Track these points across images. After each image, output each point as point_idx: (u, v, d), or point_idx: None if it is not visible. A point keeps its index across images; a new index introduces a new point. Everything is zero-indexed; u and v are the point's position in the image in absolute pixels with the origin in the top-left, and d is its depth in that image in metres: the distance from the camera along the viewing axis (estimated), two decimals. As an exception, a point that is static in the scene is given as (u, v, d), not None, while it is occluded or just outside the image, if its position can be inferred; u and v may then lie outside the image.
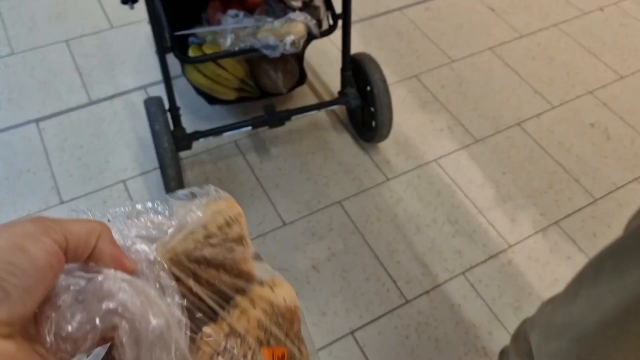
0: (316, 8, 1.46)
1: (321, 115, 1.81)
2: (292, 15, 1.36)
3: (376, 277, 1.45)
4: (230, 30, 1.42)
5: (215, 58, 1.37)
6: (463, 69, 2.01)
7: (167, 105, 1.47)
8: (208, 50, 1.55)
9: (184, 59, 1.38)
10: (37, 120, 1.70)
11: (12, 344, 0.26)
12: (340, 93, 1.66)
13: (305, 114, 1.59)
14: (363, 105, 1.65)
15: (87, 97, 1.79)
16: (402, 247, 1.51)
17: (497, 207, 1.63)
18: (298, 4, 1.44)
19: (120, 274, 0.30)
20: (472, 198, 1.64)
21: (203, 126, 1.66)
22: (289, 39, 1.30)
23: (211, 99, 1.62)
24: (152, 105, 1.44)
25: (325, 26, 1.49)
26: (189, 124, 1.68)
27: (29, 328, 0.28)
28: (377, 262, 1.48)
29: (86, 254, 0.30)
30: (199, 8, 1.61)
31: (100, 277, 0.29)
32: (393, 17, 2.19)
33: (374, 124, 1.65)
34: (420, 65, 2.01)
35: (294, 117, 1.59)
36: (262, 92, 1.68)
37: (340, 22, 1.50)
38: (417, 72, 1.99)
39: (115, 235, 0.32)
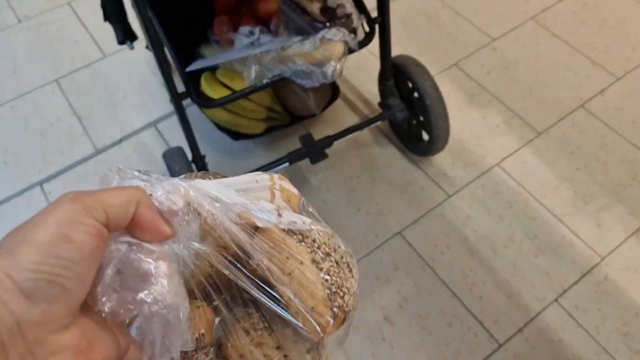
0: (348, 16, 1.22)
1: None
2: (326, 34, 1.12)
3: (459, 320, 1.25)
4: (252, 57, 1.18)
5: (241, 96, 1.14)
6: (506, 47, 1.77)
7: (189, 155, 1.26)
8: (224, 78, 1.32)
9: (207, 104, 1.16)
10: (40, 183, 1.49)
11: (75, 333, 0.27)
12: (382, 105, 1.44)
13: (347, 136, 1.37)
14: (410, 116, 1.42)
15: (92, 146, 1.57)
16: (481, 278, 1.31)
17: (578, 211, 1.42)
18: (323, 17, 1.20)
19: (158, 250, 0.31)
20: (548, 204, 1.43)
21: (229, 164, 1.45)
22: (330, 67, 1.06)
23: (236, 135, 1.40)
24: (172, 159, 1.22)
25: (360, 35, 1.25)
26: (214, 163, 1.47)
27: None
28: (456, 300, 1.28)
29: (126, 222, 0.30)
30: (204, 24, 1.37)
31: (138, 254, 0.30)
32: (416, -4, 1.92)
33: (425, 135, 1.43)
34: (458, 50, 1.77)
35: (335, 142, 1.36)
36: (292, 116, 1.45)
37: (377, 26, 1.26)
38: (455, 59, 1.74)
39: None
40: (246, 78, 1.16)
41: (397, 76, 1.41)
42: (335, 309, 0.33)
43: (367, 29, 1.26)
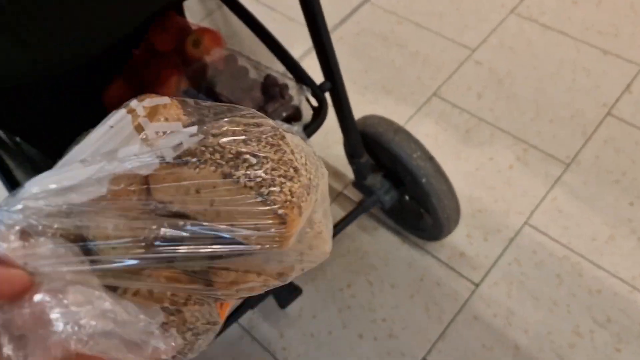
0: (282, 92, 0.82)
1: (336, 213, 1.19)
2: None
3: None
4: None
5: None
6: (491, 56, 1.39)
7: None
8: None
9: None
10: None
11: None
12: (360, 188, 1.04)
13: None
14: (400, 194, 1.03)
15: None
16: (553, 404, 0.93)
17: (652, 266, 1.04)
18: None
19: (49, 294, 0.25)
20: (609, 266, 1.05)
21: None
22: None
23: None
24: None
25: (306, 114, 0.86)
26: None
27: None
28: None
29: None
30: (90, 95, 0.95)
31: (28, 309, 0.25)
32: (363, 14, 1.53)
33: (426, 217, 1.04)
34: (433, 74, 1.38)
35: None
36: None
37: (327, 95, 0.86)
38: (433, 86, 1.36)
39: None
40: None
41: (370, 146, 1.02)
42: (280, 211, 0.28)
43: (313, 102, 0.86)
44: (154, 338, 0.26)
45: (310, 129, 0.83)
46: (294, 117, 0.86)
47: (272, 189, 0.28)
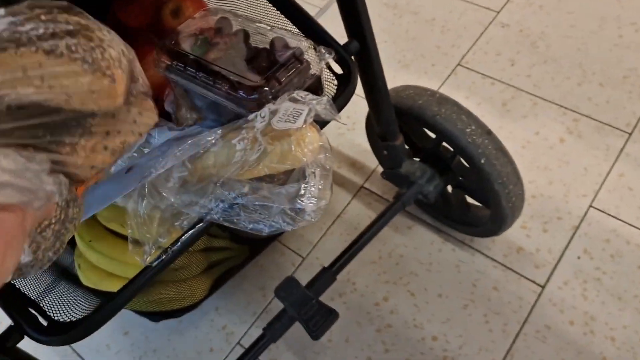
0: (297, 57, 0.62)
1: (359, 211, 0.99)
2: (267, 113, 0.53)
3: None
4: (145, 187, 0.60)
5: (159, 268, 0.54)
6: (520, 17, 1.20)
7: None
8: (112, 222, 0.72)
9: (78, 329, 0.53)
10: None
11: None
12: (392, 178, 0.84)
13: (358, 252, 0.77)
14: (445, 184, 0.83)
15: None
16: None
17: None
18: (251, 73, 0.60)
19: None
20: (701, 251, 0.86)
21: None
22: (308, 196, 0.47)
23: (162, 315, 0.78)
24: None
25: (329, 87, 0.66)
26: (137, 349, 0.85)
27: None
28: None
29: None
30: None
31: None
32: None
33: (475, 208, 0.85)
34: (454, 41, 1.18)
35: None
36: (252, 246, 0.84)
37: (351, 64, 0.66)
38: (457, 55, 1.16)
39: None
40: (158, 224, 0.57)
41: (404, 125, 0.82)
42: (108, 71, 0.32)
43: (337, 69, 0.66)
44: (45, 183, 0.27)
45: (337, 103, 0.63)
46: (313, 89, 0.66)
47: (95, 56, 0.32)
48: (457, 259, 0.91)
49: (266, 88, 0.58)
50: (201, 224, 0.56)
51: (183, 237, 0.55)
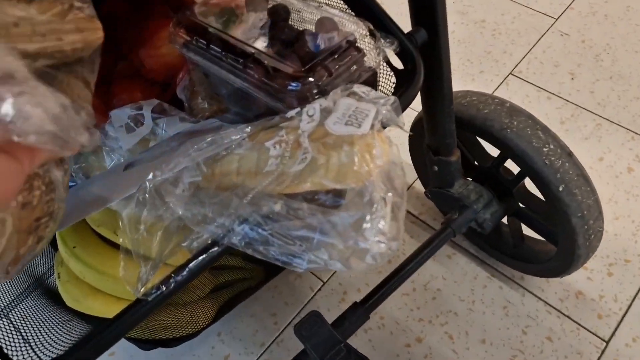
0: (352, 44, 0.48)
1: (393, 237, 0.86)
2: (315, 109, 0.40)
3: None
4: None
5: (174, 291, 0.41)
6: (582, 26, 1.06)
7: None
8: (104, 229, 0.60)
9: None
10: None
11: None
12: (437, 197, 0.71)
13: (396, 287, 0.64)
14: (504, 210, 0.70)
15: None
16: None
17: None
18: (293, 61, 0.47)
19: None
20: None
21: None
22: (375, 242, 0.34)
23: (157, 343, 0.65)
24: None
25: (385, 80, 0.54)
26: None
27: None
28: None
29: None
30: None
31: None
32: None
33: (532, 242, 0.71)
34: (507, 47, 1.05)
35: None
36: (268, 268, 0.71)
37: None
38: (509, 64, 1.03)
39: None
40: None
41: (461, 138, 0.69)
42: None
43: (396, 62, 0.54)
44: (80, 134, 0.25)
45: (402, 102, 0.49)
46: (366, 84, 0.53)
47: None
48: (505, 299, 0.78)
49: (311, 79, 0.45)
50: (216, 249, 0.43)
51: (191, 264, 0.42)
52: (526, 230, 0.75)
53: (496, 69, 1.03)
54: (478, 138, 0.70)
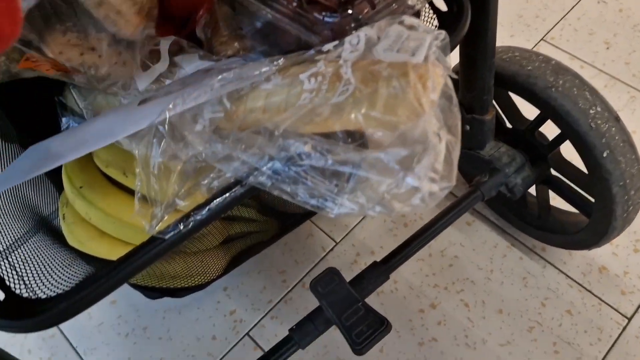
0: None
1: (412, 200, 0.82)
2: (360, 37, 0.36)
3: None
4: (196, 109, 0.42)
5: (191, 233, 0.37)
6: (620, -7, 1.01)
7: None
8: (113, 169, 0.56)
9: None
10: None
11: None
12: (465, 158, 0.67)
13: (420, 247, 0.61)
14: (537, 176, 0.66)
15: None
16: None
17: None
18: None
19: None
20: None
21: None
22: (426, 181, 0.30)
23: (163, 292, 0.62)
24: None
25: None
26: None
27: None
28: None
29: None
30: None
31: None
32: None
33: (561, 214, 0.68)
34: (539, 12, 1.00)
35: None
36: (283, 222, 0.67)
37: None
38: (541, 29, 0.98)
39: None
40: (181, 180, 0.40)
41: (497, 96, 0.65)
42: None
43: (441, 5, 0.49)
44: None
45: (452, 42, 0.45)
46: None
47: None
48: (525, 269, 0.75)
49: (350, 11, 0.41)
50: (239, 189, 0.39)
51: (212, 204, 0.38)
52: (553, 200, 0.72)
53: (527, 34, 0.98)
54: (514, 99, 0.66)
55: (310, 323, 0.56)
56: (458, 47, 0.57)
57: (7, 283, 0.37)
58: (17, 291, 0.37)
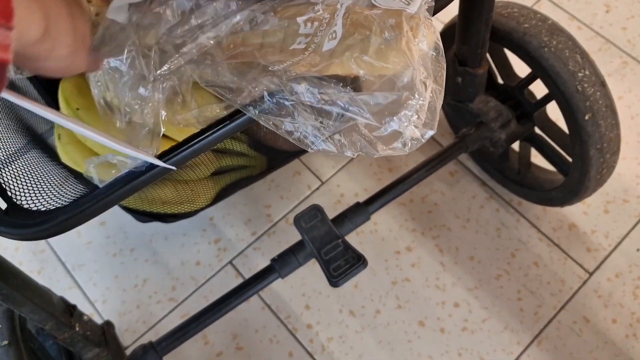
0: None
1: (399, 147, 0.84)
2: None
3: None
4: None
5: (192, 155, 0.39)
6: (627, -44, 1.00)
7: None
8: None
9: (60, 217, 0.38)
10: None
11: None
12: (455, 110, 0.69)
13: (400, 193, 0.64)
14: (523, 132, 0.69)
15: None
16: None
17: None
18: None
19: None
20: None
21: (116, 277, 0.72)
22: (408, 126, 0.32)
23: (154, 216, 0.65)
24: None
25: None
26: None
27: None
28: None
29: None
30: None
31: None
32: None
33: (538, 171, 0.71)
34: (546, -32, 0.99)
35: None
36: (272, 159, 0.69)
37: None
38: (545, -15, 0.97)
39: None
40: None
41: (492, 51, 0.66)
42: None
43: None
44: None
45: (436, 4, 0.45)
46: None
47: None
48: (500, 221, 0.78)
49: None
50: (228, 122, 0.40)
51: (211, 133, 0.40)
52: (533, 158, 0.74)
53: (530, -11, 0.97)
54: (508, 55, 0.67)
55: (292, 255, 0.59)
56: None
57: (9, 194, 0.39)
58: (18, 202, 0.39)
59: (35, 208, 0.39)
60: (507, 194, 0.80)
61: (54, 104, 0.65)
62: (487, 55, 0.66)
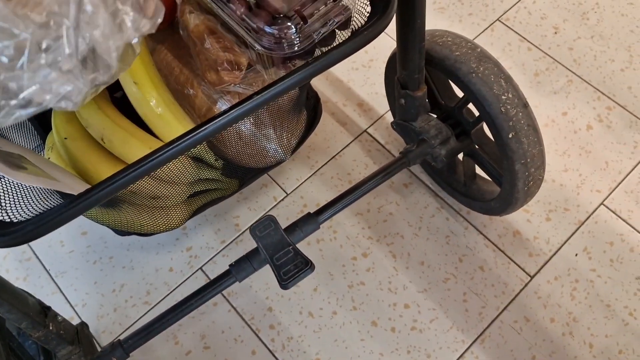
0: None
1: (357, 157, 0.91)
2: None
3: None
4: None
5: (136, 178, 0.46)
6: (576, -20, 1.07)
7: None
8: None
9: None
10: None
11: None
12: (401, 129, 0.76)
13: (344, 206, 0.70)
14: (461, 148, 0.75)
15: None
16: None
17: None
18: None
19: None
20: (703, 275, 0.81)
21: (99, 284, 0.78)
22: None
23: (132, 232, 0.71)
24: None
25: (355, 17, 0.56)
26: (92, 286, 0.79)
27: None
28: None
29: None
30: None
31: None
32: None
33: (482, 182, 0.77)
34: (500, -8, 1.06)
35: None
36: (242, 180, 0.76)
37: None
38: (498, 10, 1.05)
39: None
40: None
41: (431, 75, 0.73)
42: None
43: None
44: None
45: (365, 36, 0.52)
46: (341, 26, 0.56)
47: None
48: (449, 229, 0.85)
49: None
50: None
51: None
52: (478, 171, 0.81)
53: (484, 14, 1.04)
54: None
55: (247, 261, 0.66)
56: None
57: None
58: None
59: (8, 220, 0.46)
60: (456, 204, 0.86)
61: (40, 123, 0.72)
62: (429, 78, 0.73)
